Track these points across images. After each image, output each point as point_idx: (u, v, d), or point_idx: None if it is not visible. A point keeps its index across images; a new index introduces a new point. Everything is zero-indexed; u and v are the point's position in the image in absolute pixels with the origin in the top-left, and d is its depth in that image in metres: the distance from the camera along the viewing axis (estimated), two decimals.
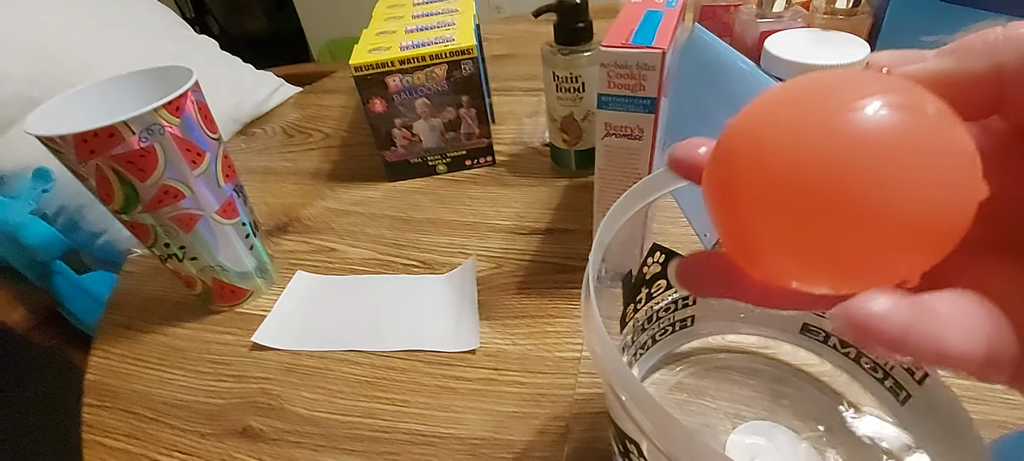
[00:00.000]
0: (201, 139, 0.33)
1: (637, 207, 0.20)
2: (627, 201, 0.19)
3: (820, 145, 0.11)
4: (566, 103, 0.44)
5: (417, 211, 0.47)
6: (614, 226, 0.19)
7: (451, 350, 0.34)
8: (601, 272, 0.20)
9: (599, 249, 0.18)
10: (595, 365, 0.16)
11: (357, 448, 0.30)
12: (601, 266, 0.20)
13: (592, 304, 0.17)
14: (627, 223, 0.24)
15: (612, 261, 0.25)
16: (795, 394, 0.27)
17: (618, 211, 0.19)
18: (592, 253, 0.18)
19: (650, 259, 0.25)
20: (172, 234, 0.35)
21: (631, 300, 0.25)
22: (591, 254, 0.18)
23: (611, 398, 0.16)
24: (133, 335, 0.40)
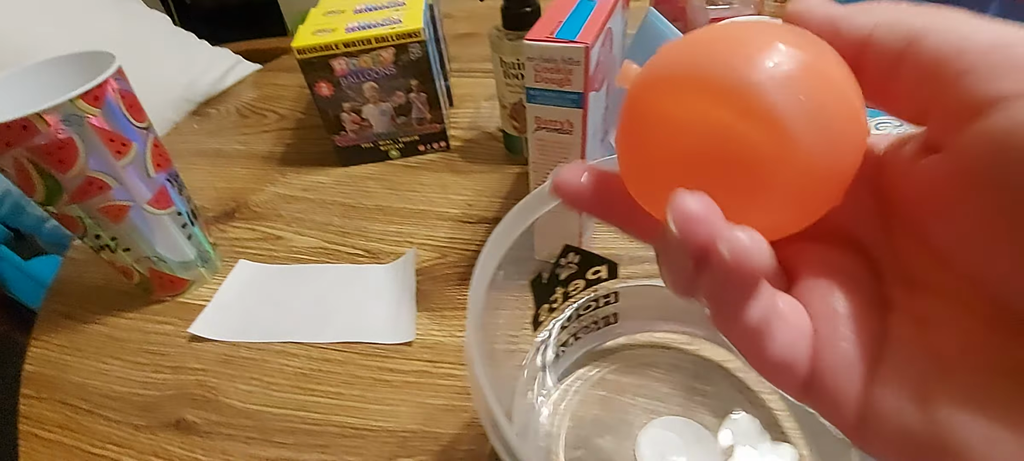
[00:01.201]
0: (126, 128, 0.32)
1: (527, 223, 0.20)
2: (508, 226, 0.19)
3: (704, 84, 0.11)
4: (515, 90, 0.44)
5: (367, 198, 0.47)
6: (495, 258, 0.18)
7: (388, 342, 0.35)
8: (497, 277, 0.20)
9: (477, 303, 0.18)
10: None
11: (288, 441, 0.31)
12: (499, 272, 0.20)
13: (477, 372, 0.17)
14: (556, 219, 0.24)
15: (546, 255, 0.26)
16: (711, 390, 0.28)
17: (504, 230, 0.19)
18: (470, 311, 0.18)
19: (563, 260, 0.25)
20: (102, 225, 0.34)
21: (544, 301, 0.25)
22: (469, 312, 0.18)
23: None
24: (73, 324, 0.39)
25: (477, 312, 0.18)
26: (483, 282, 0.18)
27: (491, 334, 0.23)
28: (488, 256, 0.19)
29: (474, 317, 0.18)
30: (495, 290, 0.20)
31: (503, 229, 0.19)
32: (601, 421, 0.27)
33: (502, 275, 0.20)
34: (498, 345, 0.25)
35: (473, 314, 0.18)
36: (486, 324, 0.20)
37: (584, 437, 0.27)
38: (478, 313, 0.18)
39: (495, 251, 0.19)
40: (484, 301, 0.19)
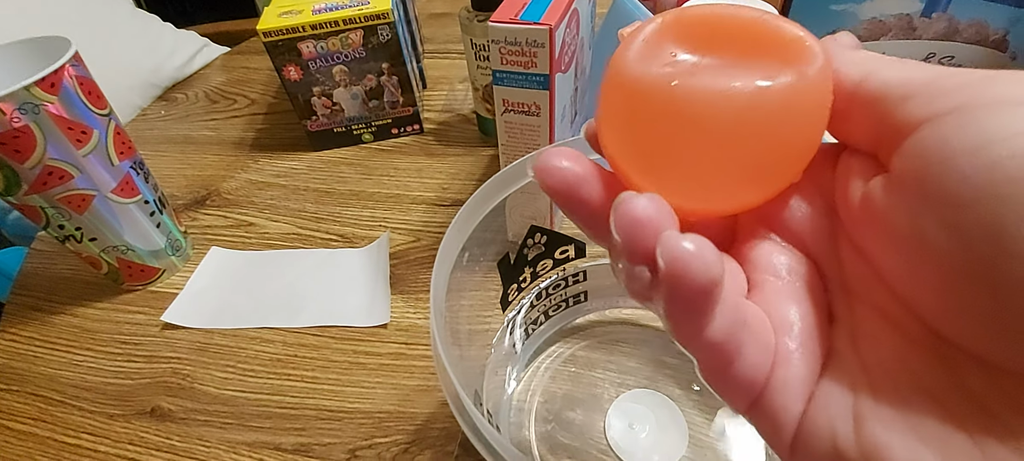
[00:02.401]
0: (86, 115, 0.32)
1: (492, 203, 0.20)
2: (472, 209, 0.19)
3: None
4: (486, 71, 0.43)
5: (341, 183, 0.47)
6: (458, 241, 0.19)
7: (363, 325, 0.35)
8: (461, 260, 0.20)
9: (442, 281, 0.18)
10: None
11: (265, 425, 0.31)
12: (462, 255, 0.21)
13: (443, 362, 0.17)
14: (524, 200, 0.24)
15: (515, 236, 0.26)
16: (676, 363, 0.29)
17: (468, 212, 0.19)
18: (433, 294, 0.18)
19: (530, 240, 0.25)
20: (65, 215, 0.33)
21: (513, 281, 0.26)
22: (432, 295, 0.18)
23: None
24: (41, 316, 0.39)
25: (440, 295, 0.18)
26: (446, 264, 0.19)
27: (459, 315, 0.23)
28: (451, 239, 0.19)
29: (437, 300, 0.18)
30: (461, 271, 0.21)
31: (467, 212, 0.20)
32: (571, 396, 0.28)
33: (467, 257, 0.20)
34: (466, 326, 0.26)
35: (437, 297, 0.18)
36: (453, 306, 0.21)
37: (555, 411, 0.28)
38: (441, 296, 0.18)
39: (458, 234, 0.20)
40: (448, 283, 0.19)
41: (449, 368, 0.17)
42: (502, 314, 0.26)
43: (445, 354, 0.17)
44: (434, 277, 0.18)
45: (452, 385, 0.17)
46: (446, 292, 0.18)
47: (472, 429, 0.16)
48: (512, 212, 0.25)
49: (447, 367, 0.17)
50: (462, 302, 0.22)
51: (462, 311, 0.22)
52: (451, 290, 0.20)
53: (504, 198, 0.22)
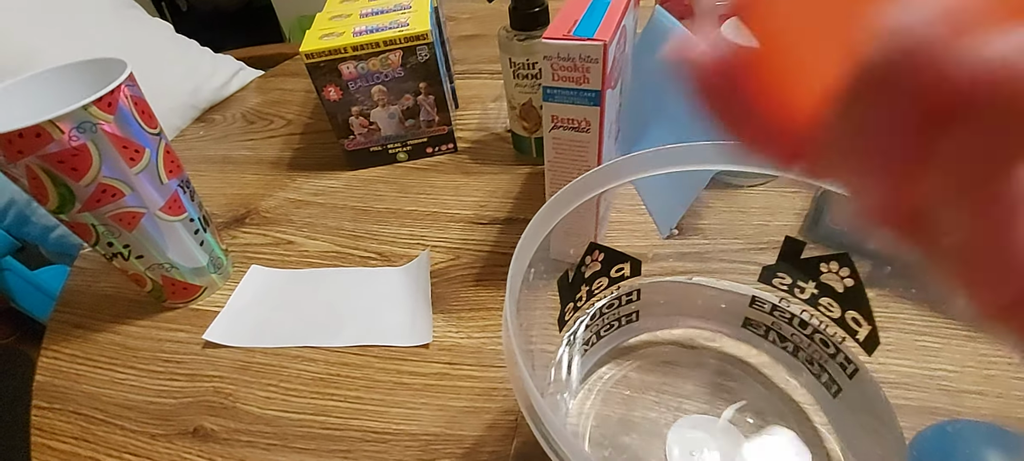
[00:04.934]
0: (139, 134, 0.32)
1: (558, 217, 0.20)
2: (548, 211, 0.19)
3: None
4: (525, 90, 0.43)
5: (378, 201, 0.47)
6: (535, 242, 0.18)
7: (405, 345, 0.34)
8: (528, 277, 0.20)
9: (513, 296, 0.18)
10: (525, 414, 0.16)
11: (309, 447, 0.31)
12: (529, 271, 0.20)
13: (519, 365, 0.16)
14: (573, 218, 0.24)
15: (558, 254, 0.25)
16: (736, 387, 0.27)
17: (540, 222, 0.19)
18: (507, 305, 0.18)
19: (588, 258, 0.24)
20: (115, 233, 0.34)
21: (570, 300, 0.25)
22: (506, 306, 0.18)
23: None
24: (84, 334, 0.39)
25: (513, 308, 0.18)
26: (518, 278, 0.18)
27: (524, 332, 0.22)
28: (522, 253, 0.19)
29: (511, 312, 0.18)
30: (526, 289, 0.20)
31: (534, 227, 0.19)
32: (626, 420, 0.27)
33: (533, 273, 0.20)
34: (529, 346, 0.25)
35: (510, 309, 0.17)
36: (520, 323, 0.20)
37: (610, 436, 0.27)
38: (514, 309, 0.18)
39: (528, 249, 0.19)
40: (519, 298, 0.18)
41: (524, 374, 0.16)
42: (558, 334, 0.25)
43: (521, 360, 0.17)
44: (508, 291, 0.18)
45: (527, 397, 0.16)
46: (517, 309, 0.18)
47: (547, 441, 0.16)
48: (557, 230, 0.24)
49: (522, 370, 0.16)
50: (523, 320, 0.22)
51: (529, 331, 0.22)
52: (520, 309, 0.19)
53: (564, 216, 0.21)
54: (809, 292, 0.25)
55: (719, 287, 0.28)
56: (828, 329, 0.25)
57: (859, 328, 0.23)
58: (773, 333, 0.27)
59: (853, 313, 0.23)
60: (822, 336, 0.25)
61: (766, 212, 0.39)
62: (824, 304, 0.24)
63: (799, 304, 0.25)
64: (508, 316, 0.17)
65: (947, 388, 0.27)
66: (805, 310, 0.25)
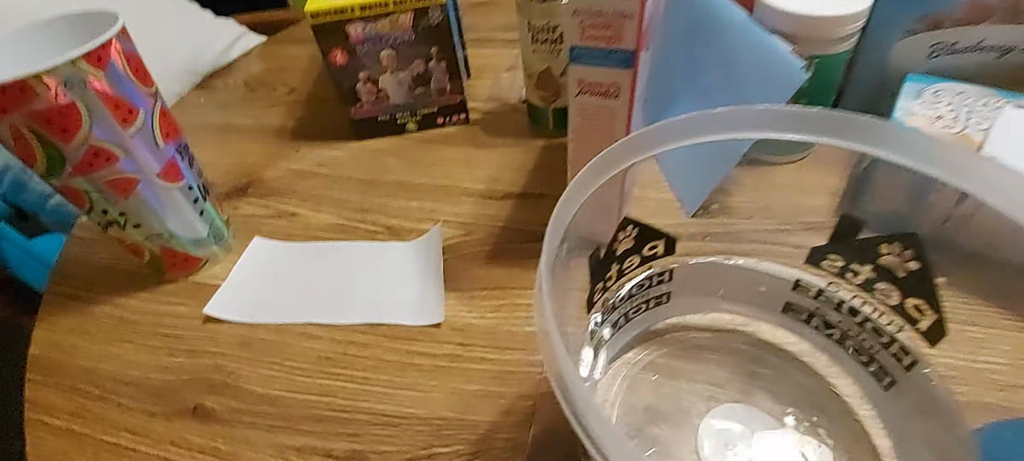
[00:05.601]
0: (132, 93, 0.30)
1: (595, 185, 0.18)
2: (584, 179, 0.16)
3: None
4: (543, 56, 0.41)
5: (385, 173, 0.44)
6: (568, 213, 0.16)
7: (415, 324, 0.33)
8: (560, 253, 0.18)
9: (551, 251, 0.16)
10: (553, 384, 0.14)
11: (315, 429, 0.29)
12: (561, 247, 0.18)
13: (554, 339, 0.14)
14: (600, 191, 0.22)
15: (583, 231, 0.23)
16: (773, 375, 0.25)
17: (575, 192, 0.17)
18: (543, 259, 0.15)
19: (621, 234, 0.22)
20: (109, 199, 0.32)
21: (600, 279, 0.23)
22: (542, 260, 0.16)
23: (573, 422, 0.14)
24: (80, 306, 0.37)
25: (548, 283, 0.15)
26: (552, 252, 0.16)
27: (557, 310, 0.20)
28: (554, 228, 0.16)
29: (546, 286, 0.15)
30: (558, 266, 0.18)
31: (567, 200, 0.17)
32: (654, 409, 0.25)
33: (566, 249, 0.18)
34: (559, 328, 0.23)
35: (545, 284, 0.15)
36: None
37: (637, 426, 0.25)
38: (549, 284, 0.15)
39: (559, 224, 0.17)
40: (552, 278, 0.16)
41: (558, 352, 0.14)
42: (586, 315, 0.23)
43: (556, 333, 0.15)
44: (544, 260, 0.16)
45: (561, 375, 0.14)
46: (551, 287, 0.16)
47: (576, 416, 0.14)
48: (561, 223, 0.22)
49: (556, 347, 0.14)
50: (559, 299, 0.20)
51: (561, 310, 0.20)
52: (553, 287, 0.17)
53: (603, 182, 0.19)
54: (864, 276, 0.22)
55: (760, 269, 0.26)
56: (882, 318, 0.23)
57: (921, 317, 0.21)
58: (817, 319, 0.25)
59: (916, 300, 0.21)
60: (875, 325, 0.23)
61: (799, 191, 0.37)
62: (880, 289, 0.22)
63: (851, 289, 0.23)
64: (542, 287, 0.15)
65: (996, 380, 0.25)
66: (857, 296, 0.23)
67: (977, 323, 0.26)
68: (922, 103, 0.36)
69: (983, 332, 0.26)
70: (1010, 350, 0.26)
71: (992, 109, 0.35)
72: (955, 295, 0.26)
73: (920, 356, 0.22)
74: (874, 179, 0.32)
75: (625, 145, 0.20)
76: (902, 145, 0.19)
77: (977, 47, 0.38)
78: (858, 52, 0.40)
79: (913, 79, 0.38)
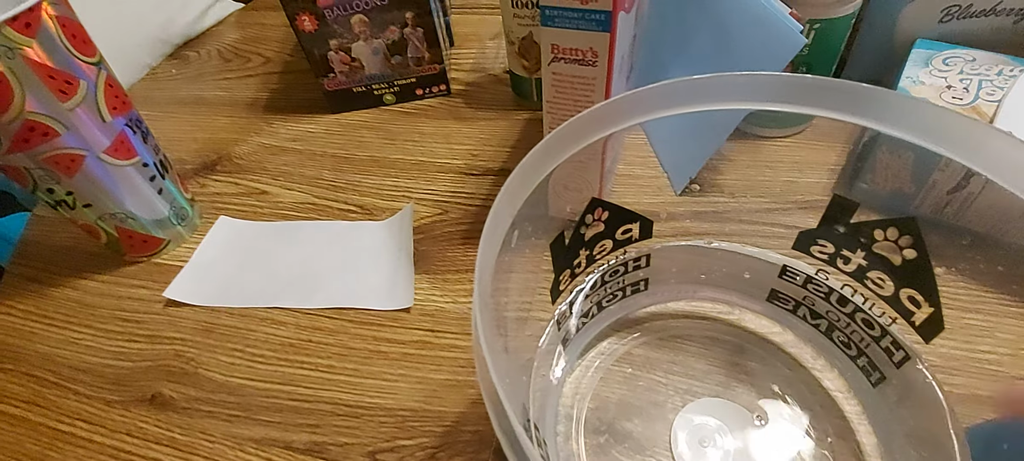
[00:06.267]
0: (70, 63, 0.28)
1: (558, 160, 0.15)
2: (542, 154, 0.14)
3: None
4: (524, 22, 0.38)
5: (360, 148, 0.42)
6: (508, 215, 0.14)
7: (383, 308, 0.31)
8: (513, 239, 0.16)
9: (487, 266, 0.14)
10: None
11: (275, 419, 0.28)
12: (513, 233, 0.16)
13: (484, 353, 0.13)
14: (574, 167, 0.20)
15: (556, 211, 0.21)
16: (755, 368, 0.24)
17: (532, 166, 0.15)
18: (477, 275, 0.14)
19: (589, 217, 0.20)
20: (54, 178, 0.30)
21: (566, 266, 0.21)
22: (476, 280, 0.14)
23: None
24: (40, 289, 0.36)
25: (486, 282, 0.14)
26: (494, 243, 0.14)
27: (502, 303, 0.19)
28: (499, 212, 0.14)
29: (483, 287, 0.14)
30: (508, 253, 0.16)
31: (516, 180, 0.15)
32: (627, 403, 0.24)
33: (517, 235, 0.16)
34: (510, 314, 0.21)
35: (482, 283, 0.14)
36: (497, 292, 0.16)
37: (608, 421, 0.23)
38: (487, 283, 0.14)
39: (509, 205, 0.15)
40: (495, 266, 0.14)
41: (492, 372, 0.13)
42: (552, 305, 0.22)
43: (488, 353, 0.13)
44: (480, 258, 0.14)
45: (494, 391, 0.12)
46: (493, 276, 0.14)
47: (513, 447, 0.12)
48: (556, 184, 0.20)
49: (490, 369, 0.13)
50: (508, 288, 0.18)
51: (508, 299, 0.18)
52: (496, 273, 0.15)
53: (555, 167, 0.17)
54: (855, 264, 0.20)
55: (744, 253, 0.24)
56: (874, 309, 0.21)
57: (917, 310, 0.19)
58: (804, 309, 0.23)
59: (911, 291, 0.19)
60: (866, 316, 0.21)
61: (795, 168, 0.34)
62: (873, 278, 0.20)
63: (841, 277, 0.21)
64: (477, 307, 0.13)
65: (992, 371, 0.23)
66: (847, 285, 0.21)
67: (978, 311, 0.24)
68: (931, 71, 0.34)
69: (984, 321, 0.24)
70: (1012, 340, 0.24)
71: (1006, 78, 0.32)
72: (955, 281, 0.24)
73: (913, 352, 0.20)
74: (875, 155, 0.29)
75: (594, 115, 0.18)
76: (902, 117, 0.17)
77: (993, 10, 0.35)
78: (863, 15, 0.37)
79: (922, 45, 0.36)
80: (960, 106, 0.32)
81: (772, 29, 0.28)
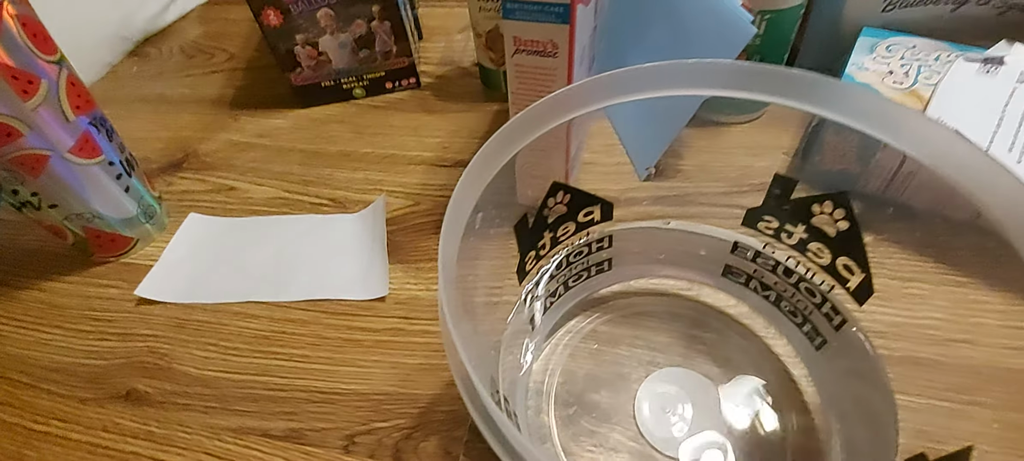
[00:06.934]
0: (31, 62, 0.27)
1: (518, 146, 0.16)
2: (484, 162, 0.15)
3: None
4: (490, 15, 0.39)
5: (330, 143, 0.42)
6: (470, 200, 0.15)
7: (358, 299, 0.32)
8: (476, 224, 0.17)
9: (451, 244, 0.15)
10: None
11: (251, 408, 0.28)
12: (477, 216, 0.17)
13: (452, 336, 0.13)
14: (539, 154, 0.21)
15: (524, 196, 0.22)
16: (713, 338, 0.25)
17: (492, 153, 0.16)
18: (441, 262, 0.14)
19: (551, 200, 0.21)
20: (18, 178, 0.30)
21: (531, 247, 0.22)
22: (440, 263, 0.14)
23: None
24: (7, 292, 0.35)
25: (450, 263, 0.15)
26: (457, 228, 0.15)
27: (470, 286, 0.20)
28: (461, 197, 0.15)
29: (447, 268, 0.15)
30: (474, 236, 0.17)
31: (478, 165, 0.16)
32: (594, 376, 0.25)
33: (481, 219, 0.17)
34: (479, 298, 0.22)
35: (446, 265, 0.14)
36: (464, 276, 0.17)
37: (577, 394, 0.25)
38: (451, 264, 0.15)
39: (470, 191, 0.16)
40: (459, 250, 0.15)
41: (460, 347, 0.14)
42: (518, 286, 0.23)
43: (455, 331, 0.14)
44: (442, 241, 0.15)
45: (462, 366, 0.13)
46: (457, 260, 0.15)
47: (484, 419, 0.13)
48: (522, 171, 0.21)
49: (457, 345, 0.14)
50: (475, 272, 0.19)
51: (475, 282, 0.19)
52: (462, 258, 0.16)
53: (519, 150, 0.18)
54: (797, 237, 0.22)
55: (698, 232, 0.26)
56: (815, 278, 0.23)
57: (851, 276, 0.21)
58: (755, 282, 0.25)
59: (845, 260, 0.20)
60: (808, 284, 0.23)
61: (751, 152, 0.36)
62: (813, 250, 0.22)
63: (785, 250, 0.23)
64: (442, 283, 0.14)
65: (930, 336, 0.25)
66: (792, 257, 0.23)
67: (917, 280, 0.26)
68: (875, 58, 0.36)
69: (923, 289, 0.26)
70: (947, 305, 0.26)
71: (943, 63, 0.34)
72: (897, 253, 0.26)
73: (849, 315, 0.22)
74: (823, 138, 0.31)
75: (554, 101, 0.19)
76: (841, 103, 0.18)
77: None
78: (811, 6, 0.39)
79: (867, 33, 0.38)
80: (900, 90, 0.34)
81: (724, 19, 0.29)
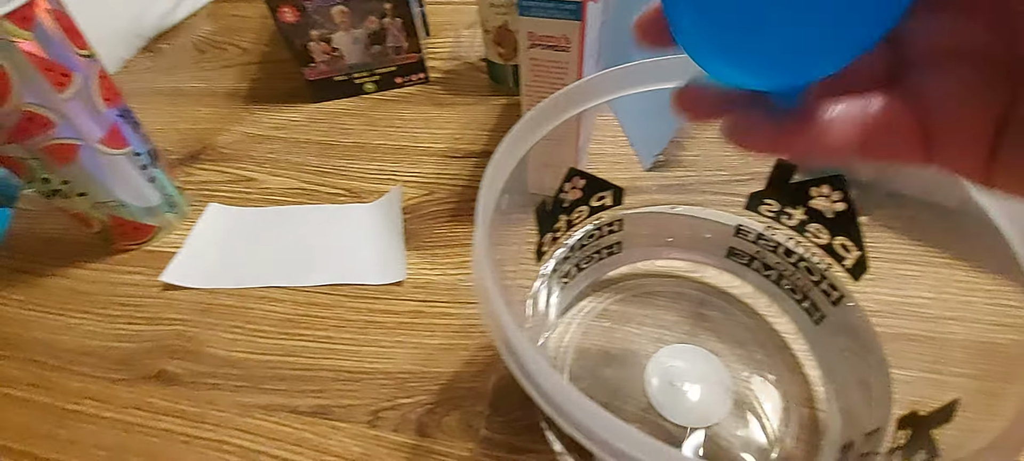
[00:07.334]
0: (65, 56, 0.29)
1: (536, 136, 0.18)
2: (523, 129, 0.17)
3: None
4: (500, 11, 0.40)
5: (344, 135, 0.44)
6: (499, 181, 0.16)
7: (377, 283, 0.33)
8: (502, 204, 0.18)
9: (488, 206, 0.16)
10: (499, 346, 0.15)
11: (279, 387, 0.29)
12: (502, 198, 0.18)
13: (490, 289, 0.15)
14: (551, 144, 0.22)
15: (535, 186, 0.24)
16: (718, 316, 0.27)
17: (514, 142, 0.17)
18: (477, 231, 0.16)
19: (568, 185, 0.23)
20: (50, 168, 0.31)
21: (548, 229, 0.23)
22: (476, 232, 0.16)
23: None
24: (31, 279, 0.36)
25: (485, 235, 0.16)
26: (490, 204, 0.16)
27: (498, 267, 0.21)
28: (492, 179, 0.17)
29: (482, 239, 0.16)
30: (499, 216, 0.19)
31: (505, 149, 0.18)
32: (606, 352, 0.27)
33: (506, 200, 0.18)
34: (503, 281, 0.24)
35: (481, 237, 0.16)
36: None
37: (589, 368, 0.26)
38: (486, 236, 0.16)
39: (498, 174, 0.17)
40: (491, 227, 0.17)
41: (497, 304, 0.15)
42: (536, 266, 0.24)
43: (494, 291, 0.15)
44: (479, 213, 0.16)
45: (505, 330, 0.15)
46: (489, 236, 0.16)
47: (523, 372, 0.15)
48: (535, 160, 0.22)
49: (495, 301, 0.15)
50: (498, 254, 0.20)
51: (502, 264, 0.20)
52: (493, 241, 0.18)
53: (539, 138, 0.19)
54: (797, 219, 0.24)
55: (704, 216, 0.27)
56: (813, 257, 0.24)
57: (847, 254, 0.22)
58: (757, 262, 0.26)
59: (842, 239, 0.22)
60: (807, 264, 0.24)
61: None
62: (812, 230, 0.23)
63: (786, 231, 0.25)
64: (479, 244, 0.15)
65: (921, 313, 0.27)
66: (792, 238, 0.25)
67: (909, 261, 0.28)
68: None
69: (914, 270, 0.28)
70: (937, 285, 0.28)
71: None
72: (890, 236, 0.27)
73: (846, 291, 0.23)
74: None
75: (570, 93, 0.20)
76: None
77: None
78: None
79: None
80: None
81: None
